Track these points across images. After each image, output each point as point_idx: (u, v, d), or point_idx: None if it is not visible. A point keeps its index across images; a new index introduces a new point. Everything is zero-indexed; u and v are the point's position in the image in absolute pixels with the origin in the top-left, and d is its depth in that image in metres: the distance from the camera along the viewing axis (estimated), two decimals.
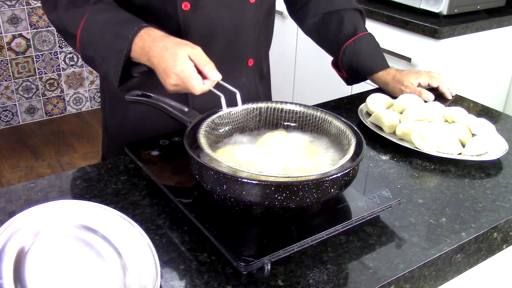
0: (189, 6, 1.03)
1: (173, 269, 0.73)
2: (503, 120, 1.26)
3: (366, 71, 1.32)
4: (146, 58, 0.94)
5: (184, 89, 0.92)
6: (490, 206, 0.91)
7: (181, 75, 0.89)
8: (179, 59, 0.89)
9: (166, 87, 0.94)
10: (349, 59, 1.31)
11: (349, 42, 1.29)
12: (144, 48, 0.94)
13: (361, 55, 1.30)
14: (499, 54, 2.18)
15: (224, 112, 0.89)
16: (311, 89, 2.59)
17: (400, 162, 1.04)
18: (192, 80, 0.89)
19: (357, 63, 1.30)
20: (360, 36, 1.29)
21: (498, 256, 0.94)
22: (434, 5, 1.98)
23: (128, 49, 0.95)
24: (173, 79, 0.90)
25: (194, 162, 0.78)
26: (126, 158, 1.00)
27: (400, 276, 0.74)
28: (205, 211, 0.80)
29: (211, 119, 0.86)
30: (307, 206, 0.75)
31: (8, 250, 0.66)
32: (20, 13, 3.03)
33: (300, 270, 0.74)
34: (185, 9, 1.04)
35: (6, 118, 3.21)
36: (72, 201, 0.75)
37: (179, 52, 0.90)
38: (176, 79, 0.90)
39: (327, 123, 0.90)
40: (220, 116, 0.88)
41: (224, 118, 0.89)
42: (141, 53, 0.95)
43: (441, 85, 1.31)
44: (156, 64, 0.92)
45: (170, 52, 0.90)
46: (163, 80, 0.93)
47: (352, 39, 1.29)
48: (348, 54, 1.30)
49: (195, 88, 0.89)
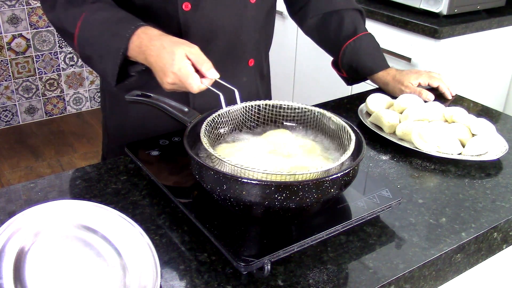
0: (189, 6, 1.04)
1: (173, 269, 0.73)
2: (503, 120, 1.26)
3: (366, 71, 1.32)
4: (143, 57, 0.94)
5: (181, 88, 0.92)
6: (490, 206, 0.91)
7: (178, 73, 0.89)
8: (177, 57, 0.89)
9: (163, 86, 0.94)
10: (349, 59, 1.31)
11: (349, 42, 1.29)
12: (141, 47, 0.94)
13: (361, 55, 1.29)
14: (499, 54, 2.17)
15: (223, 110, 0.89)
16: (311, 89, 2.59)
17: (400, 162, 1.04)
18: (189, 79, 0.89)
19: (357, 63, 1.30)
20: (360, 36, 1.29)
21: (498, 256, 0.94)
22: (434, 5, 1.98)
23: (125, 48, 0.95)
24: (171, 77, 0.90)
25: (194, 162, 0.78)
26: (126, 158, 1.00)
27: (400, 276, 0.74)
28: (205, 211, 0.80)
29: (211, 118, 0.86)
30: (307, 206, 0.75)
31: (8, 250, 0.66)
32: (20, 13, 3.03)
33: (300, 270, 0.74)
34: (186, 9, 1.04)
35: (6, 118, 3.21)
36: (72, 201, 0.75)
37: (177, 51, 0.90)
38: (174, 78, 0.90)
39: (326, 119, 0.90)
40: (219, 115, 0.88)
41: (223, 116, 0.89)
42: (138, 52, 0.94)
43: (441, 85, 1.31)
44: (153, 63, 0.92)
45: (168, 51, 0.90)
46: (160, 79, 0.93)
47: (352, 39, 1.29)
48: (348, 54, 1.30)
49: (192, 87, 0.89)
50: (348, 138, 0.83)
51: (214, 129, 0.87)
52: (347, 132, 0.85)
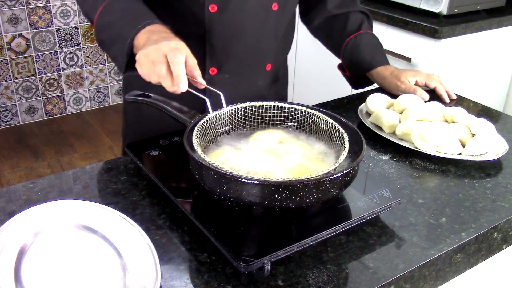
0: (216, 8, 1.06)
1: (173, 269, 0.73)
2: (503, 120, 1.26)
3: (365, 66, 1.33)
4: (146, 36, 0.92)
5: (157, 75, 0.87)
6: (490, 206, 0.91)
7: (170, 57, 0.85)
8: (178, 46, 0.88)
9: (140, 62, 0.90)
10: (350, 53, 1.32)
11: (351, 38, 1.31)
12: (149, 33, 0.93)
13: (361, 50, 1.31)
14: (499, 54, 2.18)
15: (210, 116, 0.88)
16: (311, 89, 2.59)
17: (400, 162, 1.04)
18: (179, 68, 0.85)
19: (357, 57, 1.31)
20: (362, 33, 1.31)
21: (498, 256, 0.94)
22: (434, 5, 1.98)
23: (133, 37, 0.94)
24: (159, 58, 0.86)
25: (194, 162, 0.78)
26: (126, 158, 1.00)
27: (400, 276, 0.74)
28: (205, 211, 0.80)
29: (200, 124, 0.85)
30: (307, 206, 0.75)
31: (8, 250, 0.66)
32: (20, 13, 3.03)
33: (300, 270, 0.74)
34: (212, 11, 1.06)
35: (6, 118, 3.21)
36: (72, 201, 0.75)
37: (181, 44, 0.89)
38: (161, 60, 0.86)
39: (315, 117, 0.90)
40: (207, 120, 0.87)
41: (211, 122, 0.88)
42: (143, 37, 0.93)
43: (439, 87, 1.31)
44: (152, 41, 0.89)
45: (173, 40, 0.90)
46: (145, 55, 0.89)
47: (354, 34, 1.31)
48: (349, 49, 1.32)
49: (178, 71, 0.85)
50: (341, 138, 0.83)
51: (204, 136, 0.86)
52: (338, 130, 0.85)
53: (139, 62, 0.90)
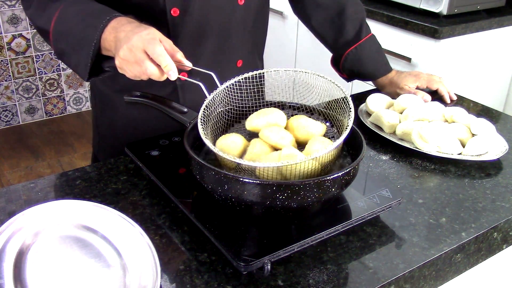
0: (178, 12, 1.02)
1: (173, 269, 0.73)
2: (503, 120, 1.26)
3: (366, 77, 1.34)
4: (114, 34, 0.89)
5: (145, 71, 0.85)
6: (490, 206, 0.91)
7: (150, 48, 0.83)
8: (151, 33, 0.86)
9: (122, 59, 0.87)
10: (351, 65, 1.32)
11: (351, 50, 1.30)
12: (116, 27, 0.89)
13: (363, 62, 1.30)
14: (499, 54, 2.17)
15: (208, 100, 0.86)
16: None
17: (400, 162, 1.04)
18: (164, 59, 0.84)
19: (359, 69, 1.32)
20: (362, 43, 1.29)
21: (498, 256, 0.94)
22: (434, 5, 1.98)
23: (98, 38, 0.91)
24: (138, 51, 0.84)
25: (194, 163, 0.78)
26: (126, 158, 1.00)
27: (400, 276, 0.74)
28: (205, 211, 0.80)
29: (200, 114, 0.84)
30: (308, 205, 0.75)
31: (8, 250, 0.66)
32: (20, 13, 3.03)
33: (300, 270, 0.74)
34: (175, 15, 1.02)
35: (6, 118, 3.21)
36: (72, 201, 0.75)
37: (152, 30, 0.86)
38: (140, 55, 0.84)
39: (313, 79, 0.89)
40: (206, 106, 0.85)
41: (210, 106, 0.86)
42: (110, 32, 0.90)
43: (441, 88, 1.31)
44: (123, 37, 0.86)
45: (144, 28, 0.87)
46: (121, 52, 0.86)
47: (354, 46, 1.29)
48: (350, 61, 1.31)
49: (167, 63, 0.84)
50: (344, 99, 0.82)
51: (207, 124, 0.85)
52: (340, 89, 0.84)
53: (122, 68, 0.88)
